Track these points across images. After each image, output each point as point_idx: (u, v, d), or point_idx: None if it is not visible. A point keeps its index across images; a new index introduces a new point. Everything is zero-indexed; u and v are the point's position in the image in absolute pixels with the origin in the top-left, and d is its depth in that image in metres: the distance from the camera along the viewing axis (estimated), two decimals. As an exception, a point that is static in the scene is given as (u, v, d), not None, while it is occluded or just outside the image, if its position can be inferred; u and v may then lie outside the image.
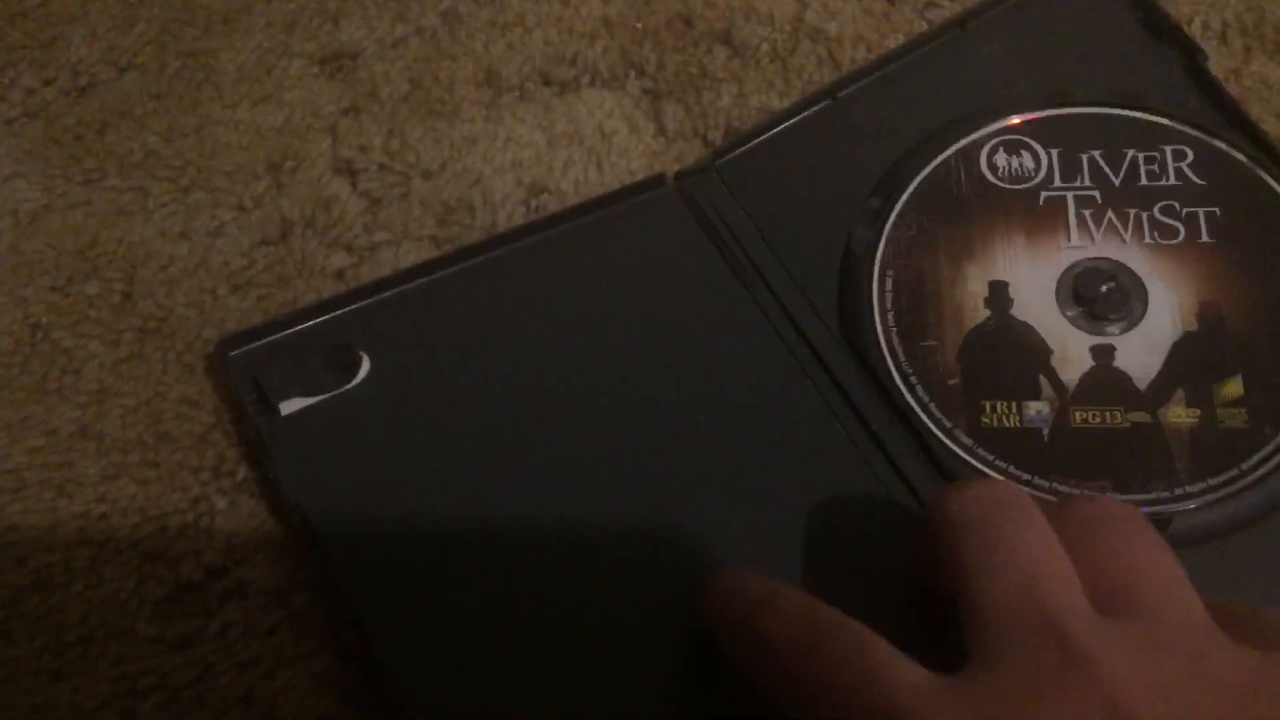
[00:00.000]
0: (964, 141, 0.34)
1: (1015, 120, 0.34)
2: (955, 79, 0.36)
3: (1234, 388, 0.30)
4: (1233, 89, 0.37)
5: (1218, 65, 0.37)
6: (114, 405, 0.33)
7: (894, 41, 0.39)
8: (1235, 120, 0.34)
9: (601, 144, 0.37)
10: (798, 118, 0.36)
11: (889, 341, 0.31)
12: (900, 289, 0.32)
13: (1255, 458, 0.30)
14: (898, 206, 0.33)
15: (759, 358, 0.32)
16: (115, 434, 0.33)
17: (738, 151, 0.35)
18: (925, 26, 0.40)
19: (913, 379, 0.31)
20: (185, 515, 0.32)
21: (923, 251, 0.32)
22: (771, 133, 0.36)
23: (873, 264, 0.33)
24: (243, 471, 0.32)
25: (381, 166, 0.37)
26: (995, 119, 0.34)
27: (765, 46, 0.39)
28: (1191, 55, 0.35)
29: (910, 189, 0.33)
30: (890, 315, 0.31)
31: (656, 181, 0.35)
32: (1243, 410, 0.30)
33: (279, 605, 0.30)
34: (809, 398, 0.32)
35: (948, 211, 0.33)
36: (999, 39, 0.36)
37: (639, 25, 0.40)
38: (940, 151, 0.34)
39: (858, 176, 0.34)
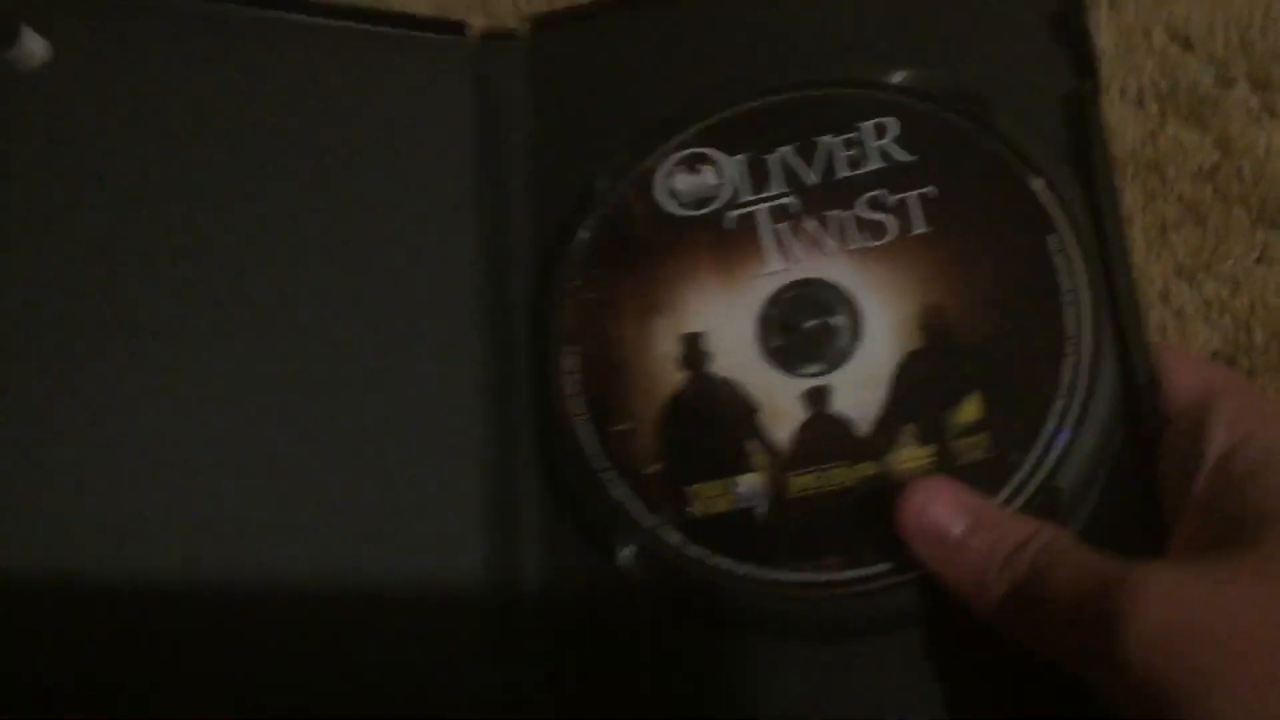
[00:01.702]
0: (635, 171, 0.28)
1: (691, 130, 0.28)
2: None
3: (971, 410, 0.25)
4: (1149, 152, 0.38)
5: (1134, 129, 0.38)
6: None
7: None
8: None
9: None
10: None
11: (585, 435, 0.26)
12: (588, 366, 0.26)
13: (1002, 494, 0.24)
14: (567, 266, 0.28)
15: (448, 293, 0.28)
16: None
17: (555, 34, 0.29)
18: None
19: (608, 473, 0.26)
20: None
21: (605, 315, 0.27)
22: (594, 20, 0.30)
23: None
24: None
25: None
26: (670, 134, 0.28)
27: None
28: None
29: (573, 243, 0.28)
30: (581, 400, 0.26)
31: (455, 27, 0.30)
32: (984, 436, 0.24)
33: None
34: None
35: (628, 259, 0.27)
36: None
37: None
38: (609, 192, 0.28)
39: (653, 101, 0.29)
